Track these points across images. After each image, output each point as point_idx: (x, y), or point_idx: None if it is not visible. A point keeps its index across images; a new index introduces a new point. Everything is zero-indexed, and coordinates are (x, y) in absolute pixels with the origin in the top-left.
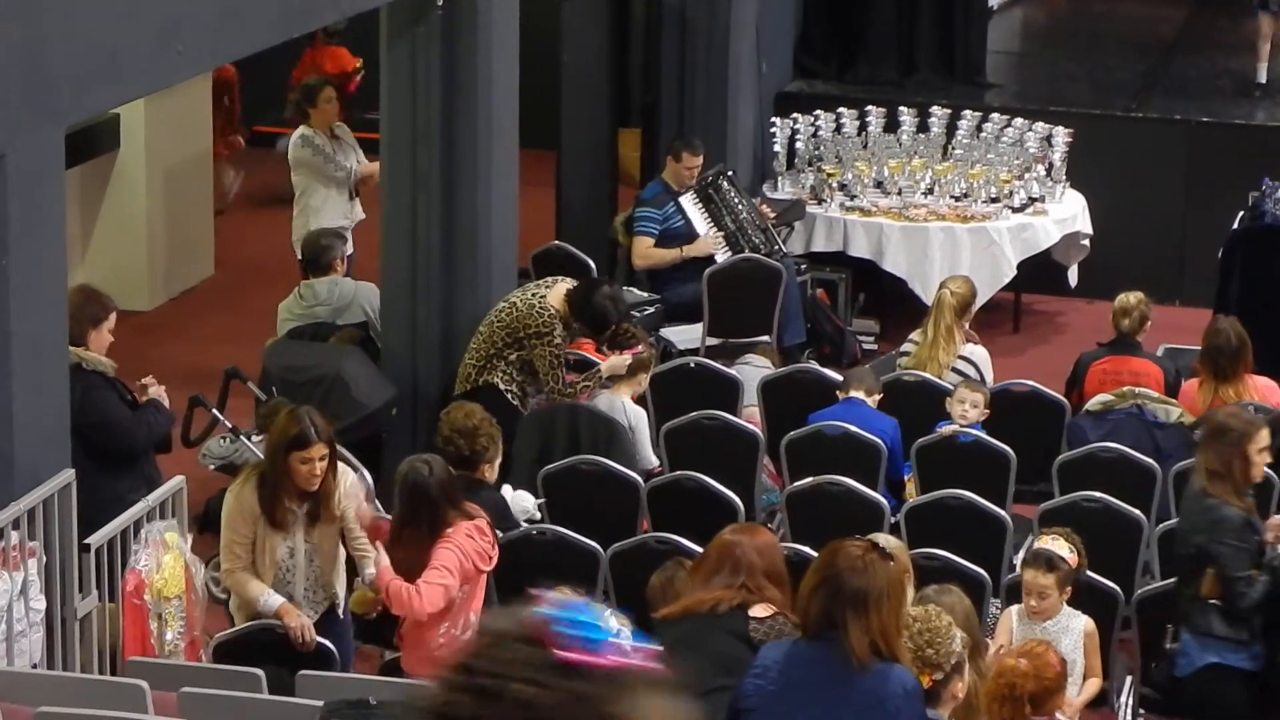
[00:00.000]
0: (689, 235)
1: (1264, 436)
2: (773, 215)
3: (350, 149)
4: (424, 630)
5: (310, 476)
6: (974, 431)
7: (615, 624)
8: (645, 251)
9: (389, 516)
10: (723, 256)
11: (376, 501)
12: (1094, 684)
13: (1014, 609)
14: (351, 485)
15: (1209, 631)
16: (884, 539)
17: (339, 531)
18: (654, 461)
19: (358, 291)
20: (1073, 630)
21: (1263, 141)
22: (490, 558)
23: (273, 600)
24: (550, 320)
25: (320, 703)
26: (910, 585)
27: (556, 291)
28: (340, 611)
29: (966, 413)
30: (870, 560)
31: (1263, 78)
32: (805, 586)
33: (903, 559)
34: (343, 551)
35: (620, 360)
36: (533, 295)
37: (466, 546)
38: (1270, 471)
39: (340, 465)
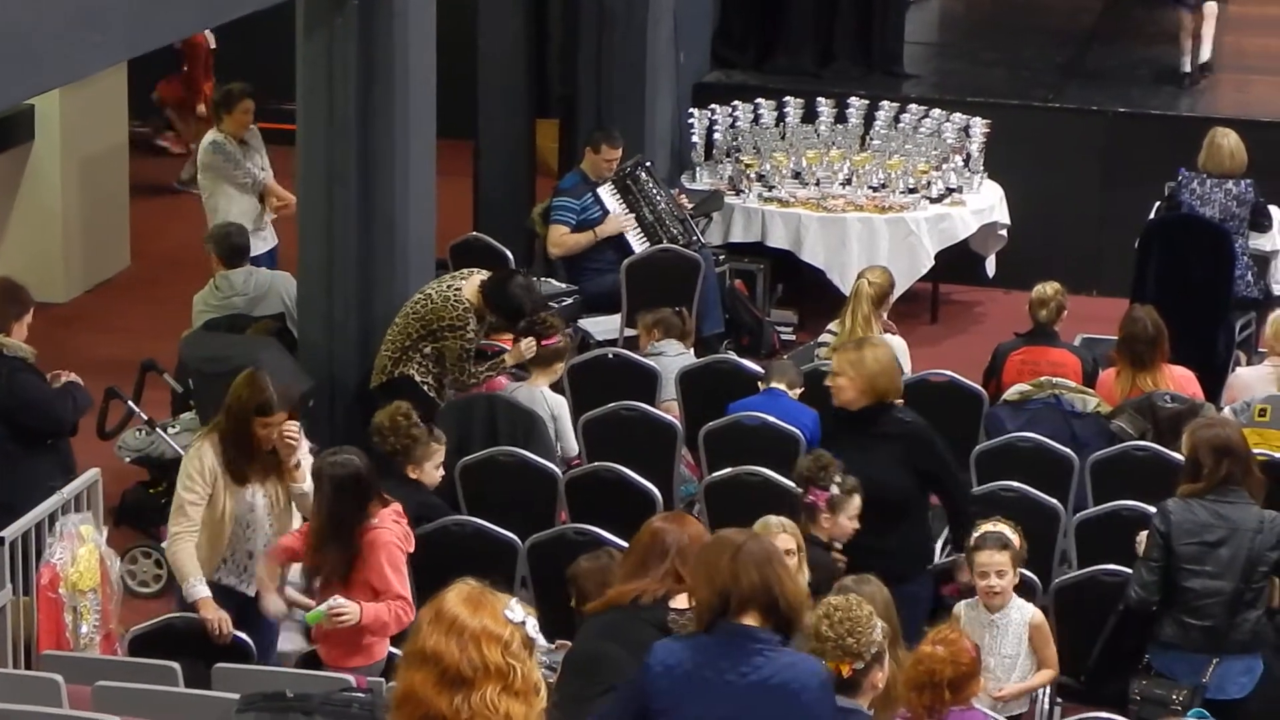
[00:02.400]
0: None
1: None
2: (690, 206)
3: (257, 154)
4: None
5: (271, 440)
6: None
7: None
8: (559, 239)
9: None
10: (640, 247)
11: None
12: (1045, 673)
13: (961, 605)
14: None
15: (1272, 643)
16: (776, 519)
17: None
18: (576, 449)
19: (274, 282)
20: (1019, 621)
21: (1180, 132)
22: (410, 540)
23: (197, 590)
24: (464, 314)
25: (236, 696)
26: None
27: (471, 284)
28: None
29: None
30: (747, 537)
31: (1188, 67)
32: (718, 563)
33: (795, 538)
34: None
35: (525, 346)
36: (447, 287)
37: (397, 534)
38: None
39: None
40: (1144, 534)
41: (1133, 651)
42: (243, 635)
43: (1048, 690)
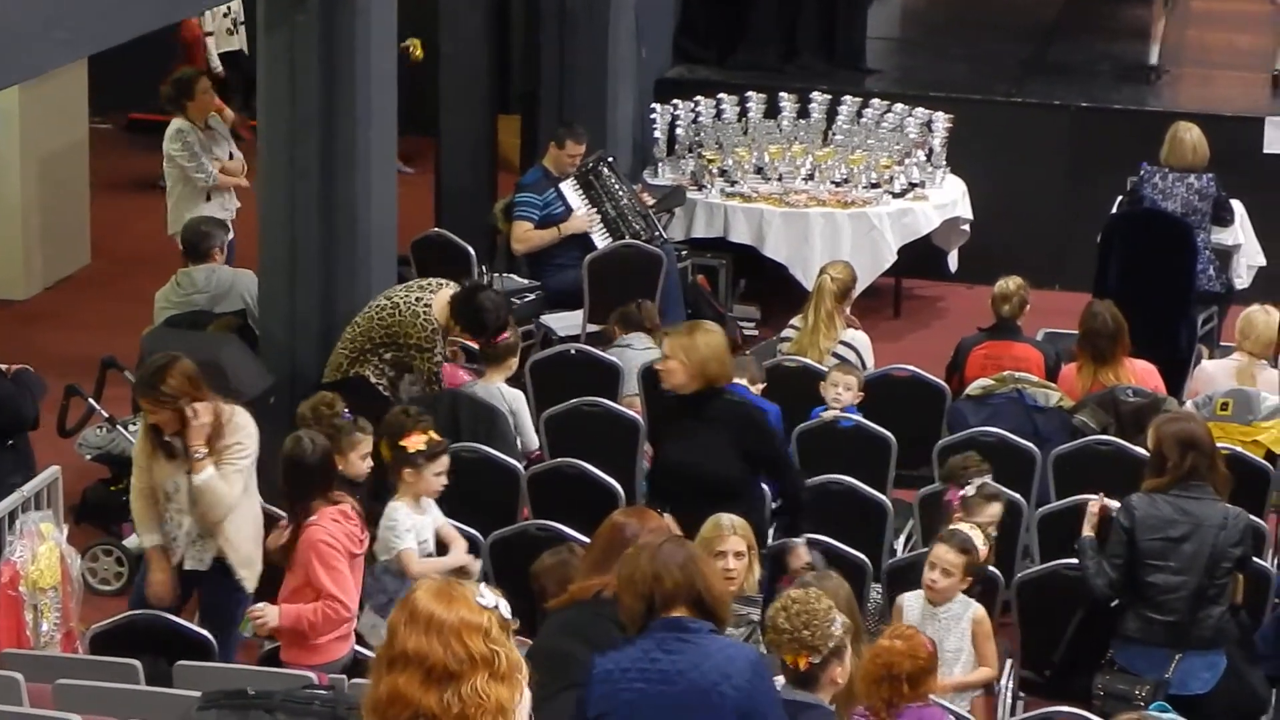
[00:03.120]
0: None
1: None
2: (653, 201)
3: (224, 140)
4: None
5: (164, 421)
6: (853, 416)
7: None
8: (523, 235)
9: None
10: (603, 242)
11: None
12: (983, 671)
13: (907, 596)
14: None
15: (1235, 639)
16: (727, 519)
17: (236, 485)
18: (536, 443)
19: (236, 279)
20: (965, 617)
21: (1142, 126)
22: (360, 540)
23: (146, 540)
24: (432, 335)
25: (198, 693)
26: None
27: (440, 299)
28: (236, 576)
29: (840, 396)
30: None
31: (1154, 59)
32: (637, 568)
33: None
34: (253, 514)
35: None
36: (416, 300)
37: (336, 532)
38: (1266, 463)
39: (230, 408)
40: (1092, 511)
41: (1097, 646)
42: (204, 632)
43: (1011, 684)
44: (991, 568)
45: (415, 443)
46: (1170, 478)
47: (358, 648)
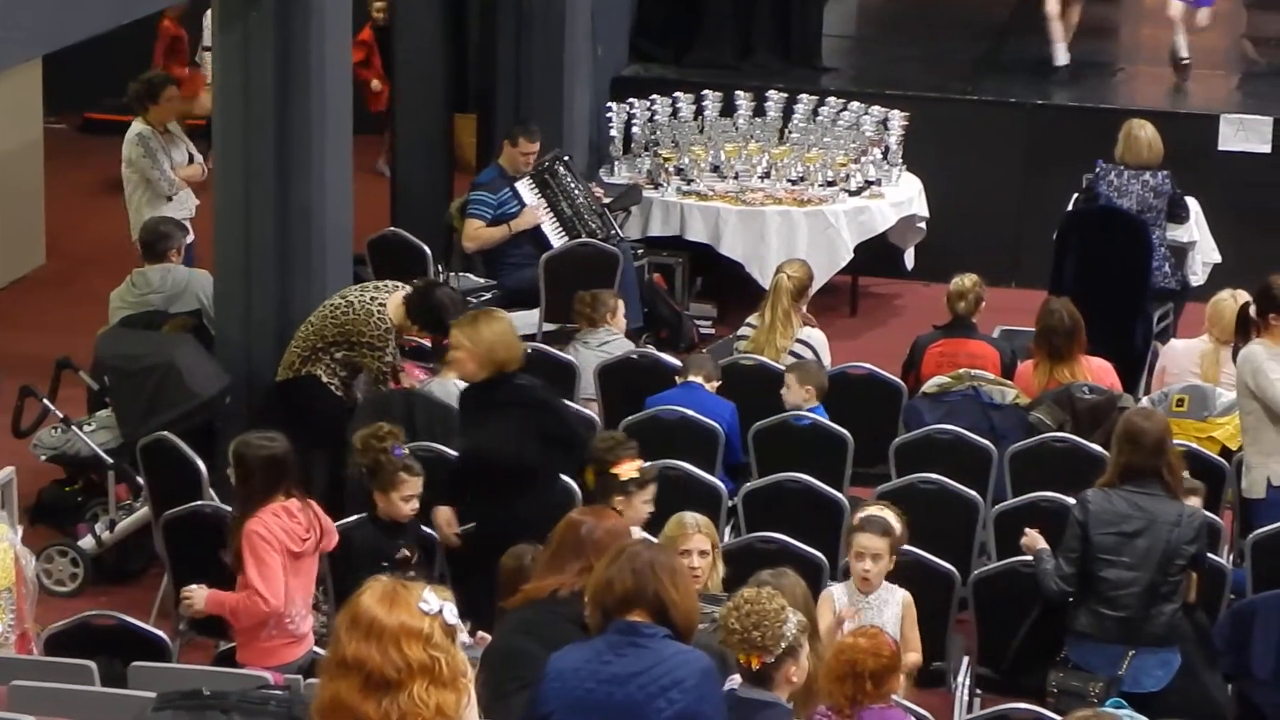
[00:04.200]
0: None
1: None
2: (609, 200)
3: (181, 143)
4: (259, 625)
5: None
6: (812, 415)
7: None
8: (474, 233)
9: None
10: (559, 241)
11: None
12: (912, 657)
13: (834, 588)
14: None
15: (1189, 637)
16: (690, 518)
17: None
18: None
19: (191, 279)
20: (893, 603)
21: (1097, 124)
22: (302, 539)
23: None
24: (385, 334)
25: (153, 694)
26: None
27: (395, 300)
28: None
29: (797, 406)
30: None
31: (1062, 59)
32: (600, 568)
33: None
34: None
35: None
36: (371, 299)
37: (273, 526)
38: (1222, 459)
39: None
40: (1032, 532)
41: (1051, 643)
42: (160, 633)
43: (967, 681)
44: (947, 564)
45: (627, 470)
46: (1113, 474)
47: (316, 649)
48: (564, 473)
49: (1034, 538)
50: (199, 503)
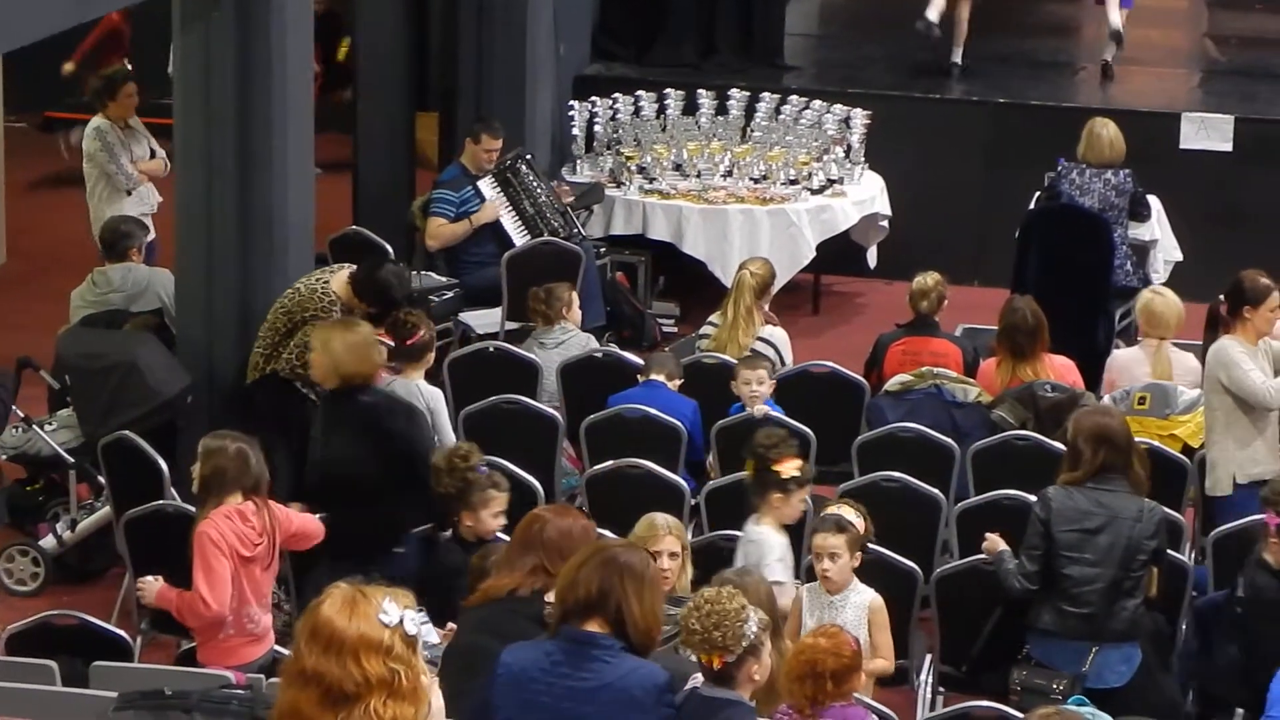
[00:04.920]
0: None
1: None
2: (571, 198)
3: (143, 138)
4: (213, 627)
5: None
6: (774, 412)
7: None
8: (436, 230)
9: None
10: (521, 240)
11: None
12: (878, 662)
13: (804, 587)
14: None
15: (1150, 632)
16: (662, 519)
17: None
18: (454, 440)
19: (152, 278)
20: (857, 604)
21: (1059, 122)
22: (254, 544)
23: None
24: (329, 305)
25: (114, 694)
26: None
27: (340, 277)
28: None
29: (756, 391)
30: (611, 546)
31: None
32: (570, 567)
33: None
34: None
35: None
36: (316, 280)
37: (224, 529)
38: (1183, 457)
39: None
40: (992, 536)
41: (1013, 641)
42: (122, 633)
43: (930, 679)
44: (910, 563)
45: (790, 468)
46: (1085, 471)
47: (278, 648)
48: (408, 489)
49: (994, 541)
50: (160, 502)
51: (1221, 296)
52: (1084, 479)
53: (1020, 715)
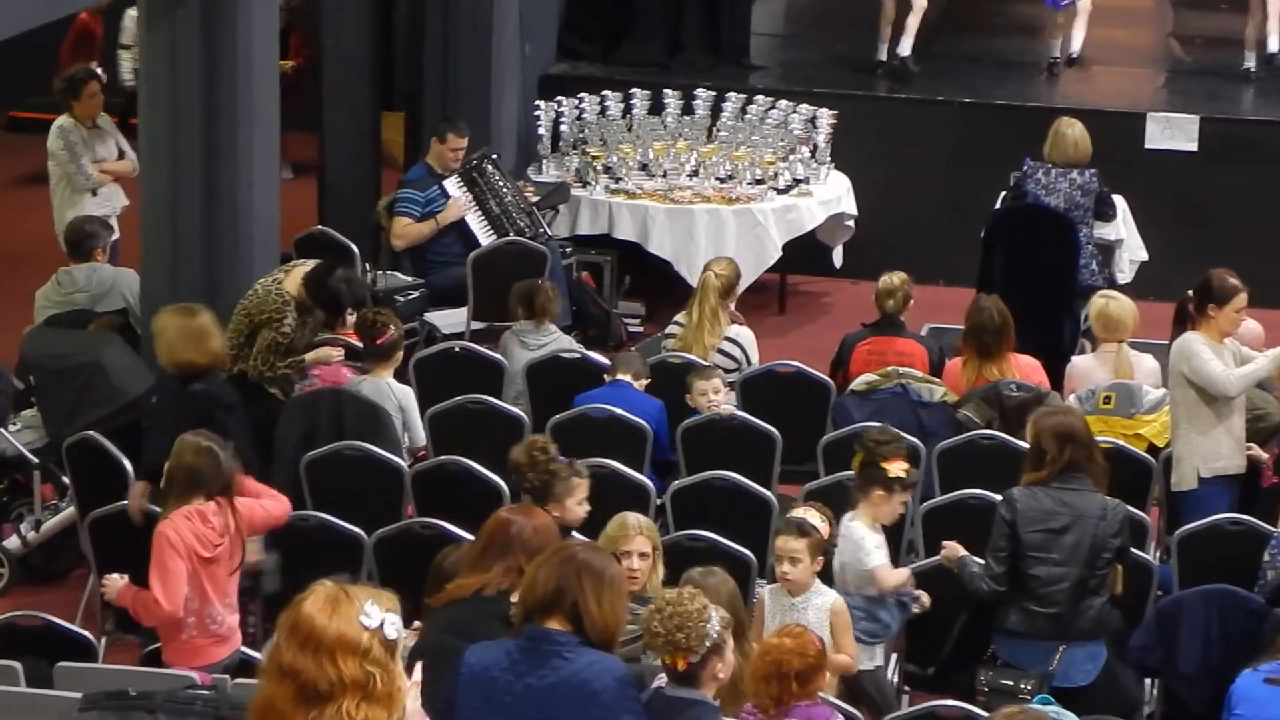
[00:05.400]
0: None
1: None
2: (537, 198)
3: (110, 138)
4: (173, 626)
5: None
6: (738, 412)
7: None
8: (402, 230)
9: None
10: (487, 239)
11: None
12: (841, 658)
13: (766, 589)
14: None
15: (1115, 630)
16: (634, 519)
17: None
18: (424, 439)
19: (117, 278)
20: (819, 606)
21: (1025, 122)
22: (214, 545)
23: None
24: (282, 306)
25: (79, 695)
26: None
27: (294, 276)
28: None
29: (714, 400)
30: (604, 550)
31: (1056, 53)
32: (533, 566)
33: (651, 539)
34: None
35: (325, 353)
36: (272, 280)
37: (182, 530)
38: (1148, 456)
39: None
40: (949, 544)
41: (980, 642)
42: (85, 633)
43: (895, 678)
44: None
45: (897, 468)
46: (1049, 471)
47: (243, 649)
48: None
49: (953, 548)
50: (125, 502)
51: (1190, 292)
52: (1048, 478)
53: (985, 714)
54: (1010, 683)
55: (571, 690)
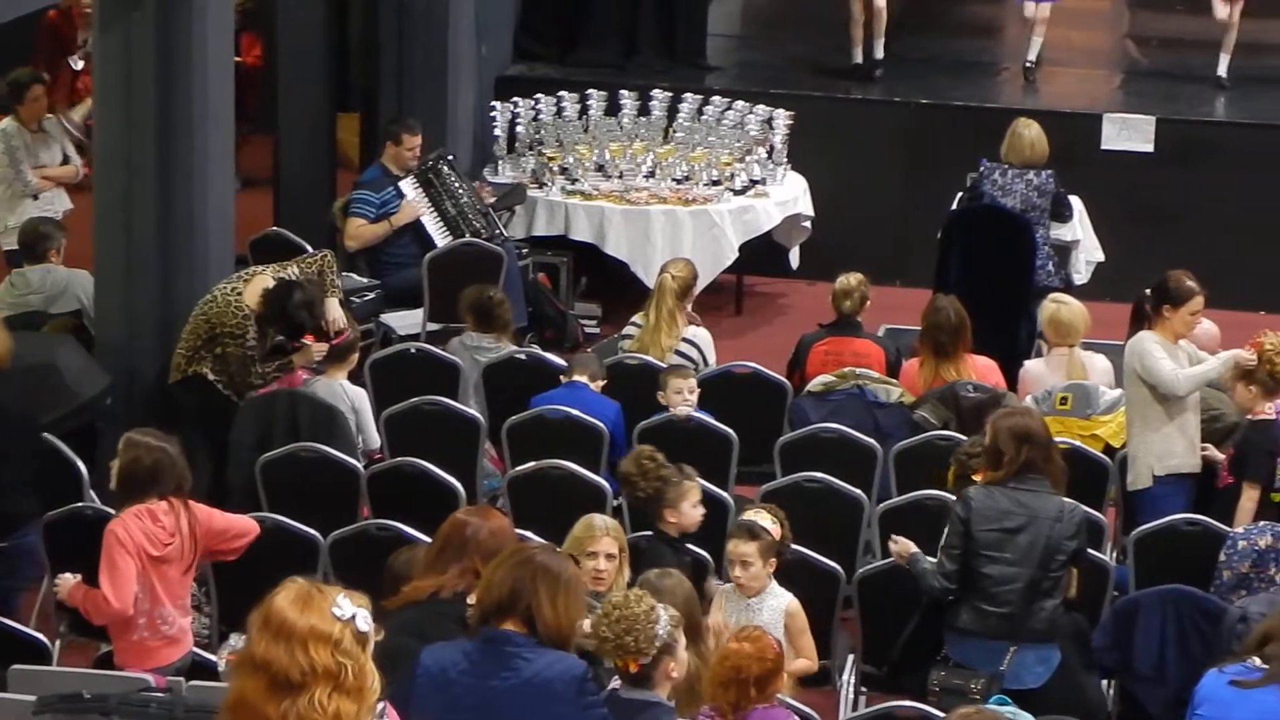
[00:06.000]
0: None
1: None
2: (493, 199)
3: (56, 143)
4: (125, 626)
5: None
6: (698, 414)
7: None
8: (355, 231)
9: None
10: (442, 240)
11: None
12: (801, 662)
13: (724, 587)
14: None
15: (1068, 633)
16: (600, 521)
17: None
18: (378, 441)
19: (71, 280)
20: (773, 608)
21: (982, 123)
22: (165, 544)
23: None
24: (243, 321)
25: (33, 698)
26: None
27: (253, 288)
28: None
29: (687, 399)
30: (562, 553)
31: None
32: (489, 569)
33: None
34: None
35: (316, 350)
36: (231, 289)
37: (132, 528)
38: (1104, 456)
39: None
40: (899, 539)
41: (932, 642)
42: (40, 636)
43: (852, 679)
44: (832, 563)
45: None
46: (1006, 471)
47: (196, 650)
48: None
49: (904, 544)
50: (80, 504)
51: (1147, 292)
52: (1005, 478)
53: (942, 715)
54: (960, 682)
55: (534, 691)
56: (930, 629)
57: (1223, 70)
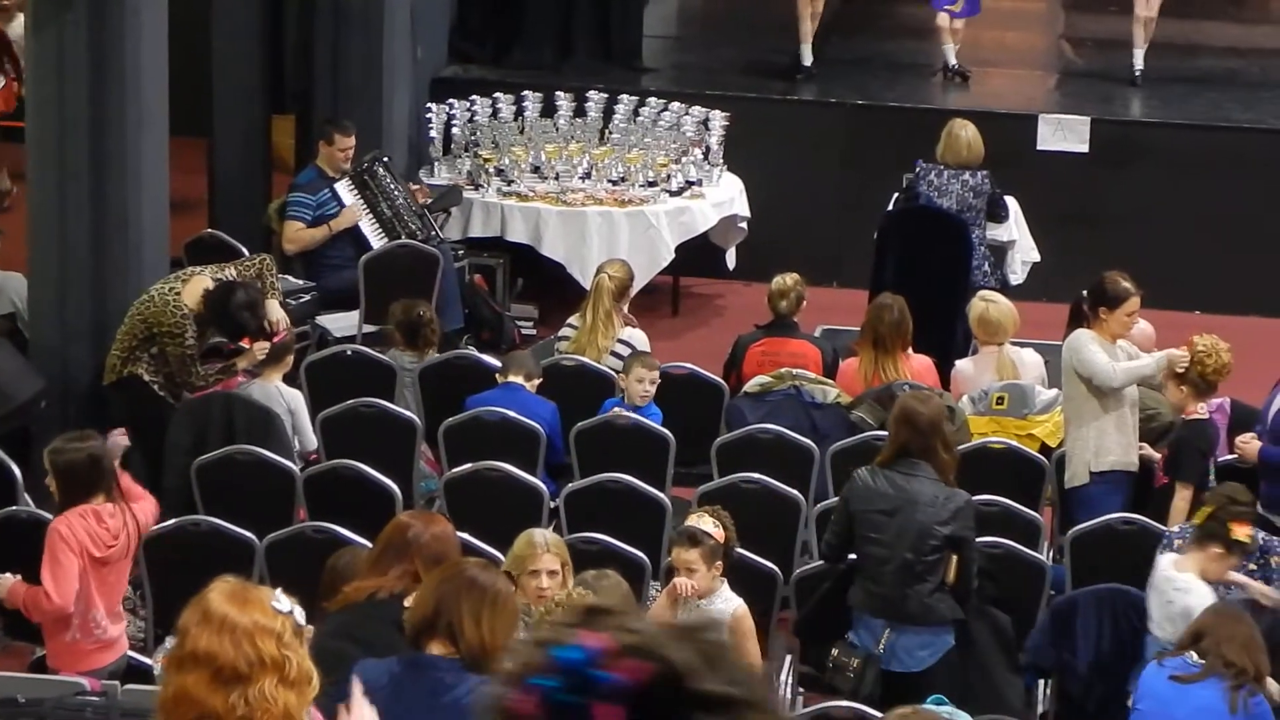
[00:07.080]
0: None
1: (946, 411)
2: (429, 201)
3: None
4: (58, 626)
5: None
6: (644, 419)
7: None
8: (294, 235)
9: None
10: (378, 242)
11: None
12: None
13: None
14: None
15: (948, 619)
16: (540, 536)
17: None
18: (315, 443)
19: (5, 282)
20: (721, 611)
21: (917, 123)
22: (107, 545)
23: None
24: (181, 321)
25: None
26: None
27: (192, 289)
28: None
29: (647, 390)
30: (496, 570)
31: (952, 60)
32: (422, 587)
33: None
34: None
35: (259, 349)
36: (169, 290)
37: (76, 528)
38: (1040, 456)
39: None
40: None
41: (843, 618)
42: None
43: (790, 679)
44: (770, 564)
45: (1243, 532)
46: (886, 454)
47: (131, 654)
48: None
49: None
50: (14, 508)
51: (1085, 292)
52: (889, 460)
53: (878, 714)
54: (845, 659)
55: (452, 717)
56: (836, 603)
57: (1139, 65)
